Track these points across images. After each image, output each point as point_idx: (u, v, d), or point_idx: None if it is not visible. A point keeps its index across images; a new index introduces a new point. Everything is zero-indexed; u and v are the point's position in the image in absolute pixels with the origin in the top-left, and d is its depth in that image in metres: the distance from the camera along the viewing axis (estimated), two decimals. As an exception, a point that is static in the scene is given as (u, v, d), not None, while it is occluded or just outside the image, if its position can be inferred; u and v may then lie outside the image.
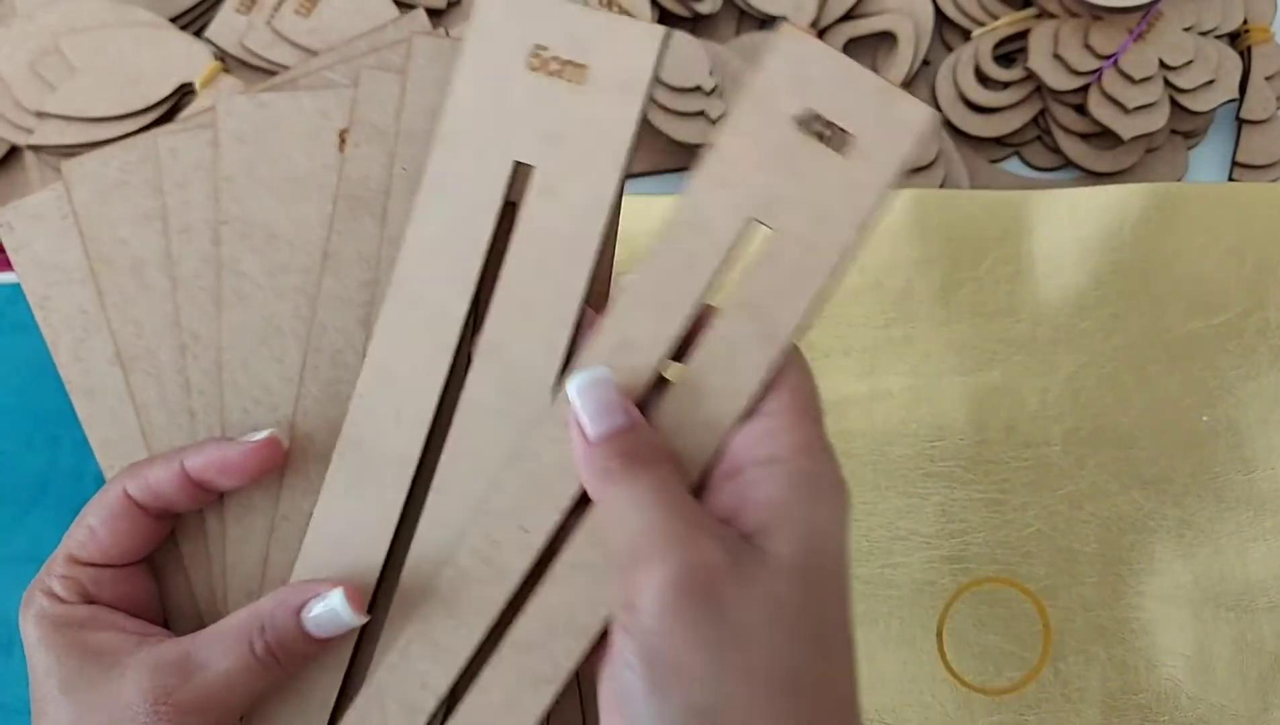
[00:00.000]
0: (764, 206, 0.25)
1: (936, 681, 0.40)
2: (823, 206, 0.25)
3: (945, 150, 0.49)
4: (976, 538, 0.41)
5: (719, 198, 0.25)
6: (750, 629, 0.23)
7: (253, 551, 0.29)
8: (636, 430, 0.25)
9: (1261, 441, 0.42)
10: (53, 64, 0.45)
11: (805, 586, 0.24)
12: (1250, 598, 0.41)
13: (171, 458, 0.28)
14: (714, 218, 0.26)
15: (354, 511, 0.28)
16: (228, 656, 0.26)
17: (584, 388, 0.25)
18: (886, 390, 0.43)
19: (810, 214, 0.25)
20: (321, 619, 0.26)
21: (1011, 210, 0.45)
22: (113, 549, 0.28)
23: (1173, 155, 0.51)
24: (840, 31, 0.50)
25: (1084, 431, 0.42)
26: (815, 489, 0.25)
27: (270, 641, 0.26)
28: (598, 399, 0.25)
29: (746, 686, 0.22)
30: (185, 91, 0.45)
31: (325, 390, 0.29)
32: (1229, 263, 0.44)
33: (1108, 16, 0.49)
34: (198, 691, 0.25)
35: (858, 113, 0.25)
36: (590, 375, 0.25)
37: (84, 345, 0.30)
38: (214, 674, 0.26)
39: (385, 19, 0.46)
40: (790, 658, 0.23)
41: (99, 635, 0.27)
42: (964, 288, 0.44)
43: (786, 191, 0.25)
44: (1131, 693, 0.39)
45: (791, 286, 0.25)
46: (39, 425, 0.43)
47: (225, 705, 0.26)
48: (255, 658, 0.26)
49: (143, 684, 0.25)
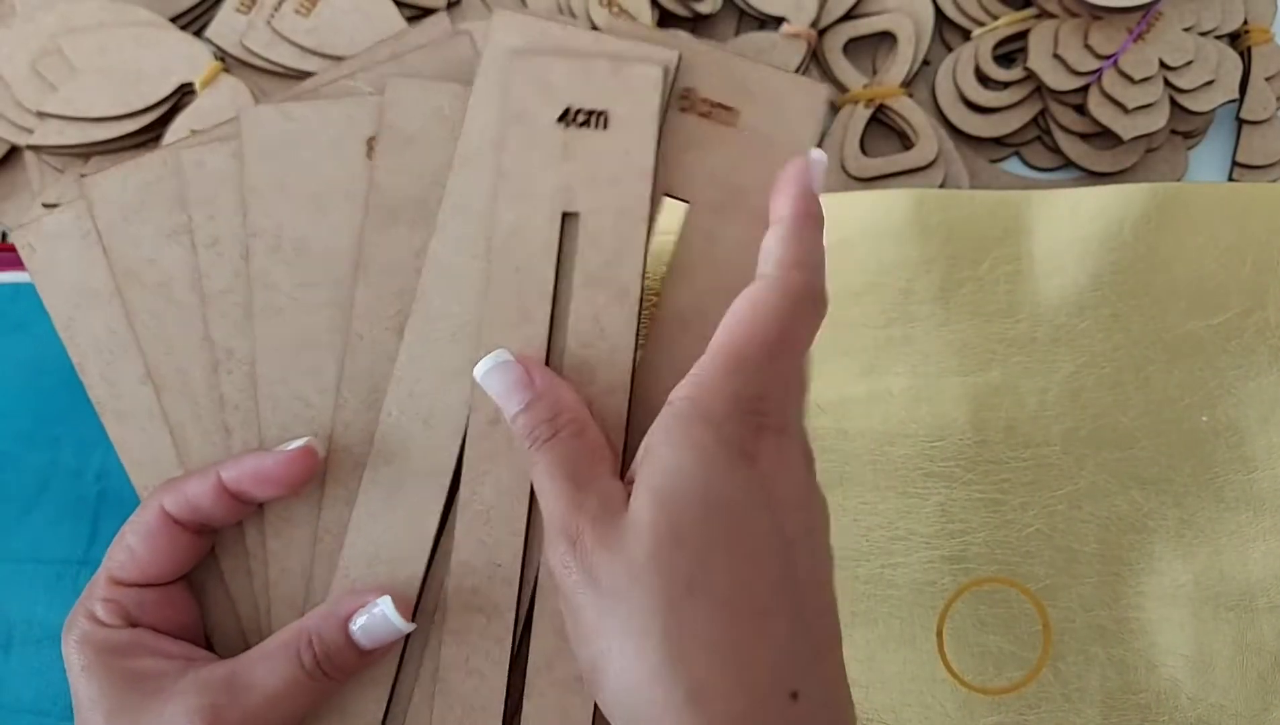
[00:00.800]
0: (565, 198, 0.28)
1: (936, 681, 0.40)
2: (612, 175, 0.28)
3: (945, 150, 0.49)
4: (976, 538, 0.41)
5: (524, 208, 0.28)
6: (616, 590, 0.23)
7: (295, 566, 0.29)
8: (540, 401, 0.26)
9: (1261, 441, 0.42)
10: (53, 64, 0.45)
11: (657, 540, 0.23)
12: (1250, 598, 0.41)
13: (208, 471, 0.28)
14: (528, 226, 0.28)
15: (390, 525, 0.28)
16: (275, 674, 0.26)
17: (488, 373, 0.27)
18: (886, 390, 0.43)
19: (605, 186, 0.28)
20: (370, 628, 0.26)
21: (1011, 210, 0.45)
22: (152, 567, 0.28)
23: (1173, 155, 0.51)
24: (840, 31, 0.50)
25: (1084, 431, 0.42)
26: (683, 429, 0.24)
27: (319, 655, 0.26)
28: (501, 380, 0.26)
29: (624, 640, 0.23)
30: (185, 91, 0.45)
31: (363, 401, 0.29)
32: (1229, 263, 0.44)
33: (1108, 16, 0.49)
34: (246, 711, 0.25)
35: (603, 92, 0.29)
36: (490, 360, 0.27)
37: (112, 366, 0.30)
38: (262, 693, 0.25)
39: (385, 19, 0.46)
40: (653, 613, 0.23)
41: (144, 661, 0.26)
42: (964, 288, 0.44)
43: (577, 177, 0.28)
44: (1131, 693, 0.39)
45: (618, 247, 0.28)
46: (39, 425, 0.43)
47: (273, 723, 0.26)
48: (303, 673, 0.26)
49: (190, 707, 0.25)
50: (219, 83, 0.45)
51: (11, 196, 0.47)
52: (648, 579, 0.23)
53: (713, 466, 0.24)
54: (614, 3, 0.47)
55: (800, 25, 0.49)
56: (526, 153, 0.28)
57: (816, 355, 0.43)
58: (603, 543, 0.24)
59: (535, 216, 0.28)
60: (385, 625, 0.26)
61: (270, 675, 0.26)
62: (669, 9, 0.49)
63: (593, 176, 0.28)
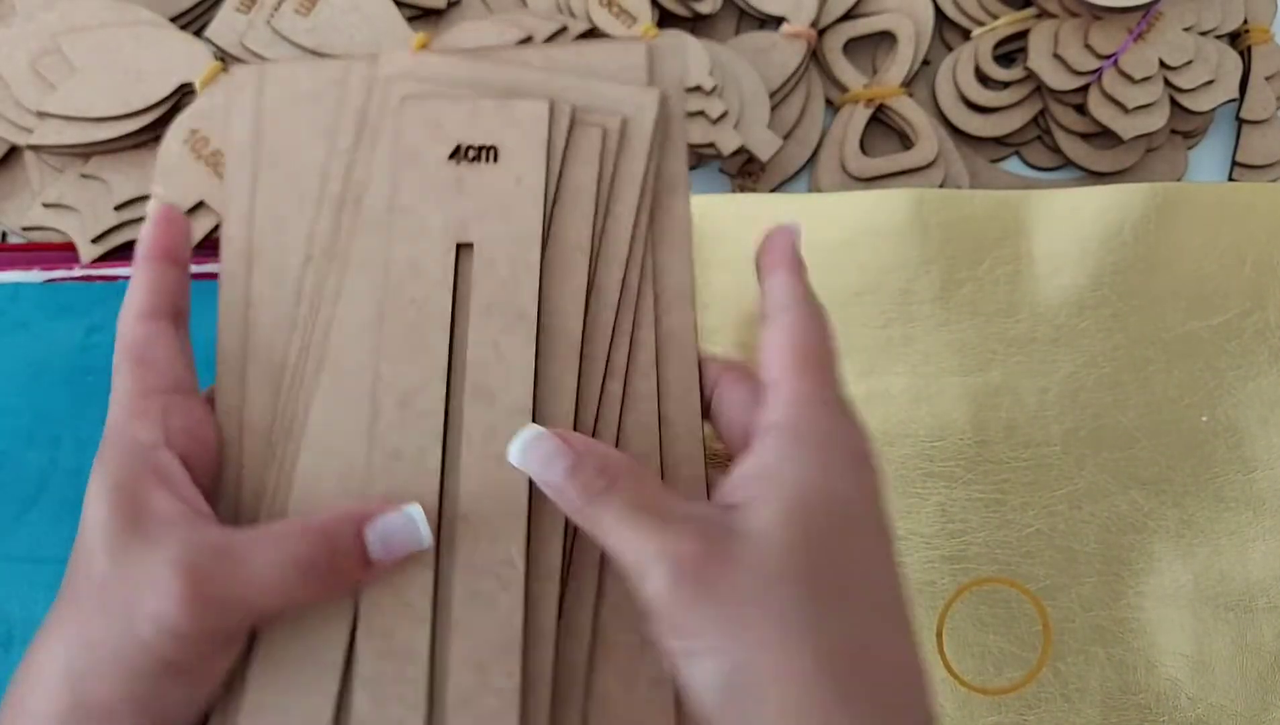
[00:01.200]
0: (460, 231, 0.29)
1: (936, 681, 0.40)
2: (505, 207, 0.29)
3: (945, 150, 0.49)
4: (976, 538, 0.41)
5: (420, 245, 0.29)
6: (748, 602, 0.23)
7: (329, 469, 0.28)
8: (585, 458, 0.26)
9: (1261, 441, 0.42)
10: (53, 63, 0.45)
11: (797, 547, 0.24)
12: (1250, 598, 0.41)
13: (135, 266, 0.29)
14: (423, 261, 0.29)
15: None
16: (272, 558, 0.24)
17: (524, 451, 0.26)
18: (886, 390, 0.43)
19: (498, 217, 0.29)
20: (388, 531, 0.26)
21: (1011, 210, 0.45)
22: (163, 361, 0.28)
23: (1173, 155, 0.51)
24: (840, 31, 0.50)
25: (1084, 431, 0.42)
26: (808, 446, 0.25)
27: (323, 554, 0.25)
28: (539, 451, 0.26)
29: (764, 653, 0.23)
30: (185, 91, 0.45)
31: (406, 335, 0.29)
32: (1229, 263, 0.44)
33: (1108, 16, 0.49)
34: (230, 585, 0.24)
35: (492, 129, 0.30)
36: (522, 439, 0.26)
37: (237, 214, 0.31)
38: (253, 571, 0.24)
39: (385, 19, 0.46)
40: (800, 620, 0.23)
41: (157, 497, 0.25)
42: (964, 288, 0.44)
43: (470, 210, 0.29)
44: (1131, 693, 0.39)
45: (514, 275, 0.29)
46: (39, 425, 0.43)
47: (251, 608, 0.24)
48: (300, 567, 0.25)
49: (173, 558, 0.24)
50: (219, 83, 0.45)
51: (11, 196, 0.47)
52: (787, 589, 0.23)
53: (839, 475, 0.25)
54: (614, 3, 0.47)
55: (800, 25, 0.49)
56: (419, 190, 0.29)
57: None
58: (722, 558, 0.24)
59: (430, 249, 0.29)
60: (407, 530, 0.26)
61: (266, 557, 0.24)
62: (669, 9, 0.49)
63: (485, 209, 0.29)
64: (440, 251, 0.29)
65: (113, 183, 0.45)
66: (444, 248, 0.29)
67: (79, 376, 0.44)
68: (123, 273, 0.46)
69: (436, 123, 0.30)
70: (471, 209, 0.29)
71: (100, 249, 0.45)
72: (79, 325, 0.45)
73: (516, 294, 0.29)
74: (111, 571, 0.24)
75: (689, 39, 0.46)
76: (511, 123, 0.30)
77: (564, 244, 0.30)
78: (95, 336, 0.45)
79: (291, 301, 0.30)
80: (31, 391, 0.44)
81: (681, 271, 0.31)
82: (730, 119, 0.46)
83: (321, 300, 0.29)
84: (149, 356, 0.28)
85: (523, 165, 0.30)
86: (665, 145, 0.31)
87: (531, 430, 0.26)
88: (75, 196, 0.45)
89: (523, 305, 0.29)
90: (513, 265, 0.29)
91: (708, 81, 0.46)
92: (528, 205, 0.29)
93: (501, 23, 0.46)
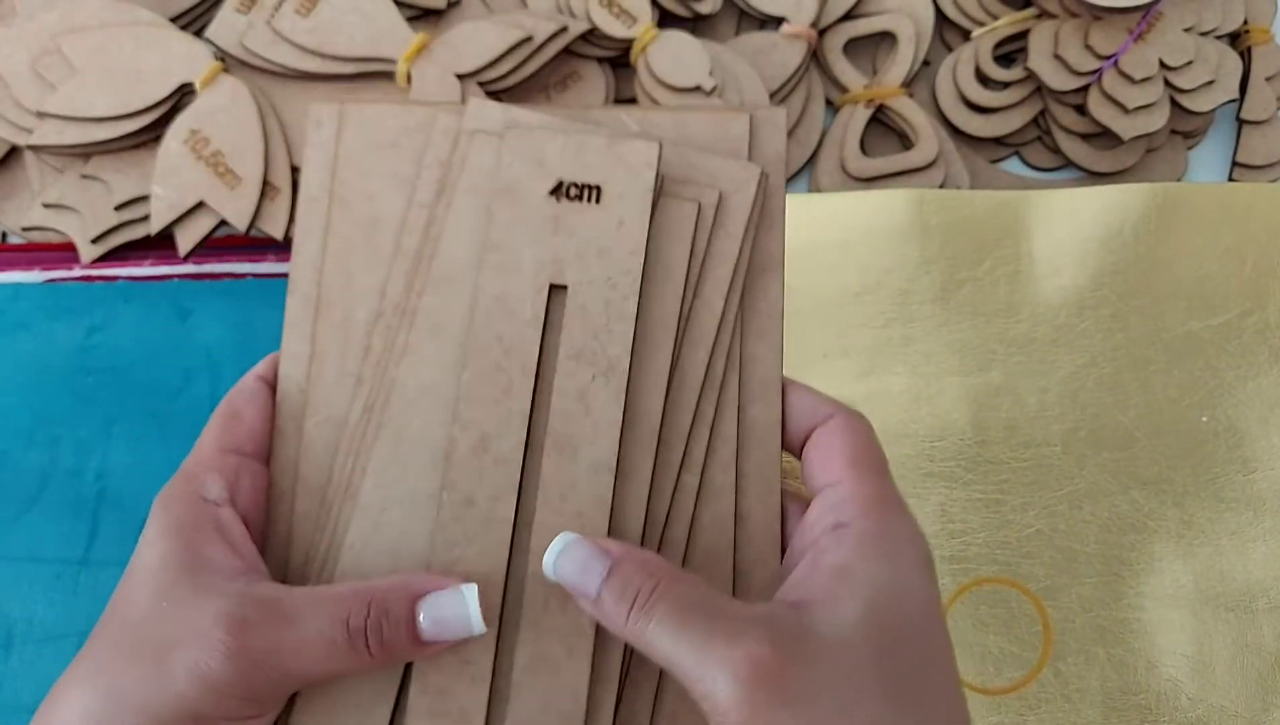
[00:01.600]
0: (554, 271, 0.28)
1: (936, 681, 0.40)
2: (603, 249, 0.28)
3: (945, 150, 0.49)
4: (976, 538, 0.41)
5: (512, 283, 0.28)
6: (828, 702, 0.22)
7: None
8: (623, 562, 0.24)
9: (1261, 441, 0.42)
10: (53, 64, 0.45)
11: (879, 649, 0.23)
12: (1250, 598, 0.41)
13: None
14: (514, 298, 0.28)
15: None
16: (320, 621, 0.24)
17: (557, 562, 0.25)
18: (886, 391, 0.43)
19: (595, 259, 0.28)
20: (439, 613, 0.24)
21: (1011, 210, 0.45)
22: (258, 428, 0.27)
23: (1173, 155, 0.51)
24: (840, 31, 0.50)
25: (1084, 431, 0.42)
26: (882, 547, 0.25)
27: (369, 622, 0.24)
28: (573, 558, 0.25)
29: None
30: (185, 91, 0.45)
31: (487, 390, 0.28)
32: (1229, 263, 0.44)
33: (1108, 16, 0.49)
34: (275, 643, 0.23)
35: (597, 167, 0.28)
36: (556, 548, 0.25)
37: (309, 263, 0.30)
38: (296, 635, 0.24)
39: (385, 19, 0.46)
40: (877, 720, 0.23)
41: (214, 549, 0.25)
42: (964, 288, 0.44)
43: (567, 250, 0.28)
44: (1131, 693, 0.39)
45: (608, 323, 0.28)
46: (39, 425, 0.43)
47: (293, 670, 0.24)
48: (346, 636, 0.24)
49: (222, 611, 0.23)
50: (219, 83, 0.45)
51: (11, 196, 0.47)
52: (869, 695, 0.23)
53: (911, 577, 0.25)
54: (614, 3, 0.47)
55: (800, 25, 0.49)
56: (515, 225, 0.28)
57: (816, 356, 0.43)
58: (799, 661, 0.23)
59: (521, 287, 0.28)
60: (458, 614, 0.24)
61: (314, 620, 0.24)
62: (669, 9, 0.49)
63: (582, 250, 0.28)
64: (532, 290, 0.28)
65: (113, 183, 0.45)
66: (536, 287, 0.28)
67: (79, 377, 0.44)
68: (123, 273, 0.46)
69: (539, 157, 0.29)
70: (569, 249, 0.28)
71: (100, 249, 0.45)
72: (79, 325, 0.45)
73: (609, 343, 0.27)
74: (154, 615, 0.24)
75: (689, 39, 0.46)
76: (618, 162, 0.28)
77: (649, 320, 0.28)
78: (95, 337, 0.45)
79: (357, 357, 0.28)
80: (31, 392, 0.44)
81: (770, 360, 0.29)
82: (730, 119, 0.46)
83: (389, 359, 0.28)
84: (242, 414, 0.28)
85: (626, 208, 0.28)
86: (762, 223, 0.30)
87: (566, 537, 0.25)
88: (75, 197, 0.45)
89: (615, 356, 0.27)
90: (608, 312, 0.28)
91: (708, 81, 0.46)
92: (628, 251, 0.28)
93: (501, 23, 0.46)
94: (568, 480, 0.27)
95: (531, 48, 0.45)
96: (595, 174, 0.28)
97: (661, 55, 0.46)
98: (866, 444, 0.27)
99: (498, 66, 0.45)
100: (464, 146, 0.29)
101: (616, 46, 0.48)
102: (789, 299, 0.43)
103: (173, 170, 0.44)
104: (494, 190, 0.28)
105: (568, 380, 0.27)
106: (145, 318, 0.45)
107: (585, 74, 0.48)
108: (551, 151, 0.29)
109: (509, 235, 0.28)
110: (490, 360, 0.27)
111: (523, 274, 0.28)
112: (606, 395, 0.27)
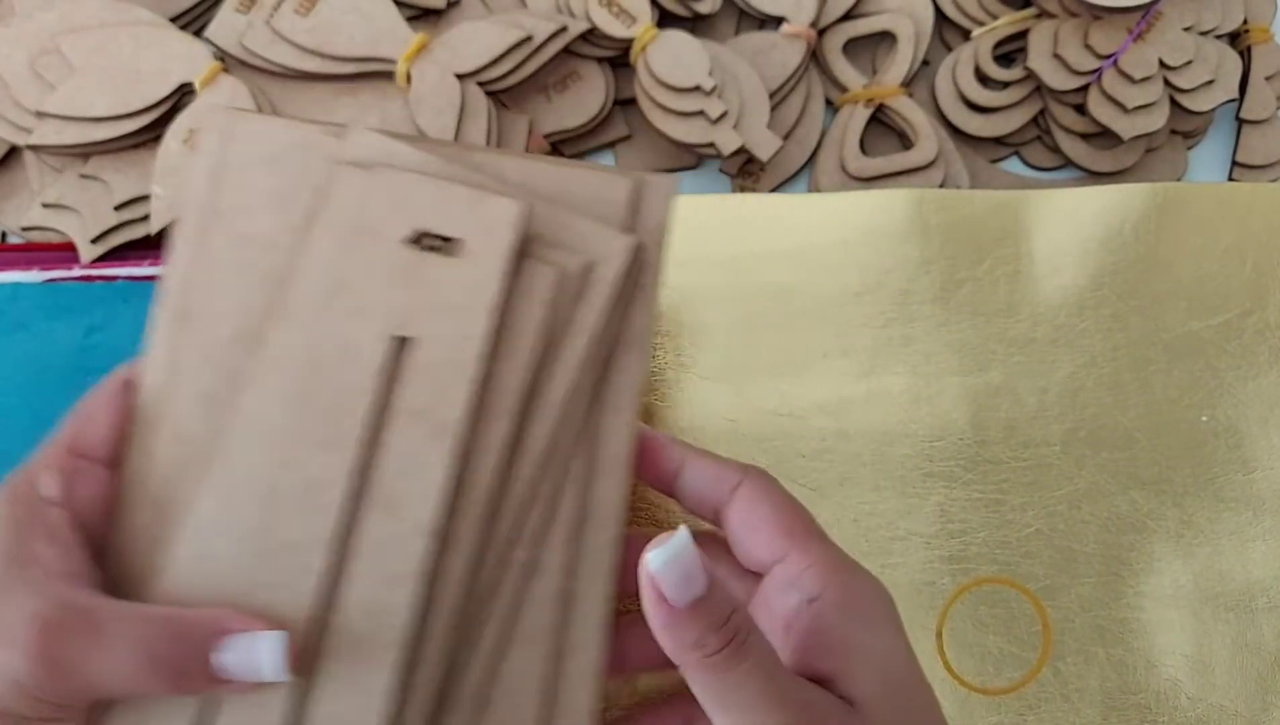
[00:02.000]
0: (400, 322, 0.27)
1: (936, 682, 0.40)
2: (452, 306, 0.27)
3: (945, 150, 0.49)
4: (976, 538, 0.41)
5: (356, 328, 0.27)
6: None
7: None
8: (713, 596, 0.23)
9: (1261, 441, 0.42)
10: (53, 64, 0.45)
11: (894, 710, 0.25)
12: (1250, 598, 0.41)
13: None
14: (356, 344, 0.27)
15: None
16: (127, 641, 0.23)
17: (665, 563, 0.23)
18: (886, 390, 0.43)
19: (444, 316, 0.27)
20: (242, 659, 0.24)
21: (1011, 210, 0.45)
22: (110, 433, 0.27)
23: (1173, 155, 0.51)
24: (840, 31, 0.50)
25: (1083, 432, 0.42)
26: (861, 611, 0.26)
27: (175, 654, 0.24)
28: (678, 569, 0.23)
29: None
30: (185, 91, 0.45)
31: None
32: (1229, 263, 0.44)
33: (1108, 16, 0.49)
34: (83, 652, 0.23)
35: (460, 220, 0.27)
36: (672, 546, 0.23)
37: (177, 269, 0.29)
38: (103, 648, 0.23)
39: (384, 19, 0.46)
40: None
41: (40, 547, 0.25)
42: (964, 288, 0.44)
43: (416, 303, 0.27)
44: (1131, 693, 0.39)
45: (447, 382, 0.26)
46: (38, 425, 0.43)
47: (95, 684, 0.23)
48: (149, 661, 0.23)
49: (34, 610, 0.23)
50: (218, 83, 0.45)
51: (11, 196, 0.47)
52: None
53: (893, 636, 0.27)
54: (614, 2, 0.47)
55: (800, 25, 0.49)
56: (368, 268, 0.27)
57: (815, 356, 0.43)
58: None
59: (365, 334, 0.27)
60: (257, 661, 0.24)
61: (120, 639, 0.23)
62: (668, 9, 0.49)
63: (435, 303, 0.27)
64: (376, 338, 0.27)
65: (113, 183, 0.45)
66: (380, 335, 0.27)
67: (78, 377, 0.44)
68: (122, 273, 0.46)
69: (403, 201, 0.27)
70: (421, 301, 0.27)
71: (100, 249, 0.45)
72: (78, 325, 0.45)
73: (448, 404, 0.26)
74: None
75: (689, 39, 0.46)
76: (481, 218, 0.27)
77: (494, 384, 0.27)
78: (95, 337, 0.45)
79: (215, 376, 0.27)
80: (31, 391, 0.44)
81: (622, 436, 0.28)
82: (730, 119, 0.46)
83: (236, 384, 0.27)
84: (96, 417, 0.27)
85: (484, 267, 0.27)
86: (634, 298, 0.29)
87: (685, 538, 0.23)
88: (75, 196, 0.45)
89: (452, 418, 0.26)
90: (452, 374, 0.26)
91: (707, 81, 0.46)
92: (480, 310, 0.27)
93: (501, 23, 0.46)
94: (389, 539, 0.26)
95: (531, 48, 0.45)
96: (457, 226, 0.27)
97: (661, 55, 0.46)
98: (787, 506, 0.28)
99: (497, 66, 0.45)
100: (332, 177, 0.28)
101: (616, 46, 0.48)
102: (787, 299, 0.43)
103: (173, 170, 0.44)
104: (352, 228, 0.27)
105: (401, 437, 0.26)
106: (145, 318, 0.45)
107: (585, 74, 0.48)
108: (417, 197, 0.27)
109: (360, 278, 0.27)
110: (323, 404, 0.26)
111: (369, 320, 0.27)
112: (437, 457, 0.26)
